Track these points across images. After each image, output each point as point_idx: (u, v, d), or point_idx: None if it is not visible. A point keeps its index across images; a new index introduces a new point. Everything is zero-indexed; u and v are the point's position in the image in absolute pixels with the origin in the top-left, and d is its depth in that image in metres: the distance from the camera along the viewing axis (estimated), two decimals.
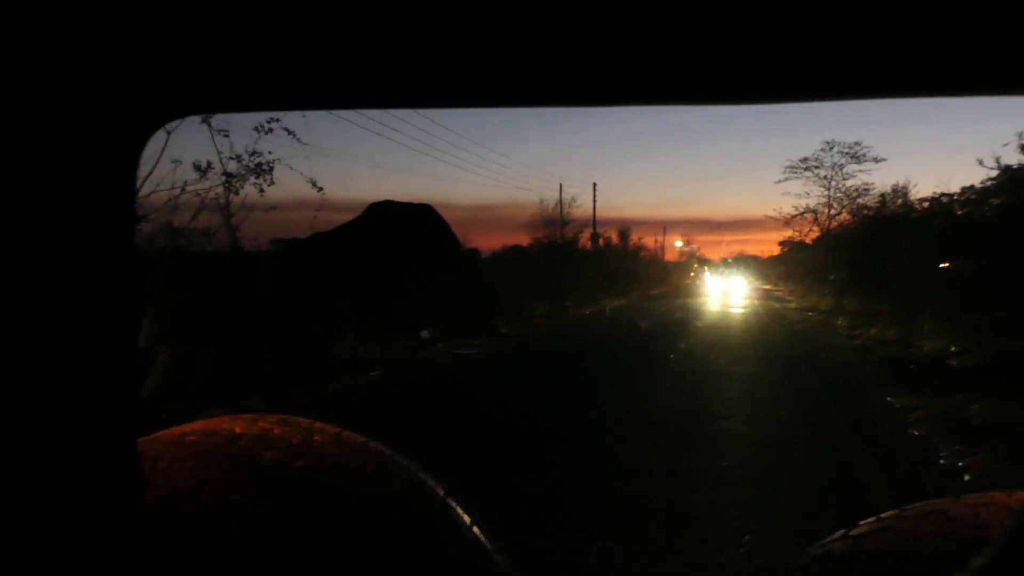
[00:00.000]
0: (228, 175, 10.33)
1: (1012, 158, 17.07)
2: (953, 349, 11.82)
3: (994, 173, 13.18)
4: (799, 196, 44.83)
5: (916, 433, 7.04)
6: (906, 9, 0.47)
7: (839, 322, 18.82)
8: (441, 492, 0.83)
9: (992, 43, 0.48)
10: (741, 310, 25.78)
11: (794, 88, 0.54)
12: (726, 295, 36.58)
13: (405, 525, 0.77)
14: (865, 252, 18.80)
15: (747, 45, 0.49)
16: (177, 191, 9.22)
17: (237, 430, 0.88)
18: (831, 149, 35.70)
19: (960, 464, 5.96)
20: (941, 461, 6.11)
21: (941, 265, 14.36)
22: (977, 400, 7.98)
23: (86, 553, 0.57)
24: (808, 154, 39.16)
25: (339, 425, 0.93)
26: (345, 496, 0.77)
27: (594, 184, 40.95)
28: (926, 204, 17.52)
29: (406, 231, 15.66)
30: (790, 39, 0.49)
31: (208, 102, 0.68)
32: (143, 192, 8.69)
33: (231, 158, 10.40)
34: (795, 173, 37.33)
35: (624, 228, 45.39)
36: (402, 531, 0.77)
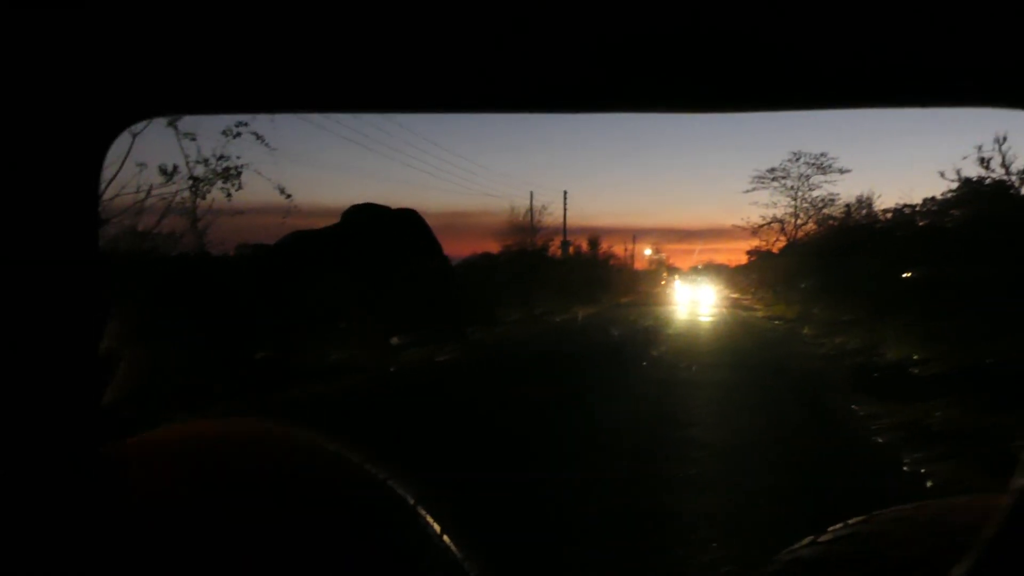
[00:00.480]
0: (195, 179, 10.22)
1: (972, 170, 17.48)
2: (916, 357, 12.05)
3: (955, 185, 13.50)
4: (766, 206, 45.69)
5: (880, 440, 7.16)
6: (916, 17, 0.47)
7: (805, 330, 19.07)
8: (412, 501, 0.83)
9: (996, 55, 0.49)
10: (710, 318, 26.02)
11: (797, 95, 0.54)
12: (695, 303, 36.89)
13: (375, 534, 0.76)
14: (831, 262, 19.11)
15: (753, 50, 0.49)
16: (142, 195, 9.10)
17: (207, 435, 0.87)
18: (798, 160, 36.36)
19: (923, 471, 6.07)
20: (905, 468, 6.21)
21: (904, 275, 14.64)
22: (939, 408, 8.14)
23: (50, 560, 0.55)
24: (775, 164, 39.81)
25: (310, 432, 0.92)
26: (316, 504, 0.76)
27: (564, 192, 41.15)
28: (889, 215, 17.88)
29: (388, 235, 15.42)
30: (796, 45, 0.50)
31: (175, 103, 0.67)
32: (107, 195, 8.56)
33: (198, 162, 10.29)
34: (762, 183, 37.98)
35: (594, 236, 45.65)
36: (372, 540, 0.76)
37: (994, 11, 0.47)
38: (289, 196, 11.75)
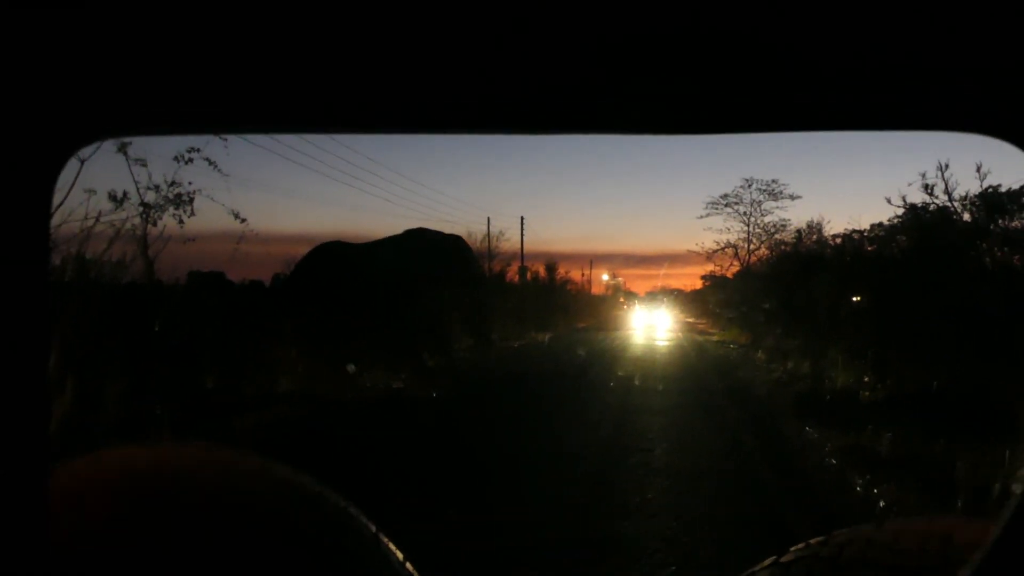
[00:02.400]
0: (145, 205, 10.03)
1: (917, 196, 18.06)
2: (866, 380, 12.32)
3: (900, 211, 13.89)
4: (720, 231, 46.43)
5: (833, 463, 7.28)
6: (875, 44, 0.49)
7: (758, 355, 19.36)
8: (373, 527, 0.81)
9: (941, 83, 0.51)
10: (666, 343, 26.26)
11: (776, 118, 0.55)
12: (651, 328, 37.17)
13: (336, 562, 0.74)
14: (782, 287, 19.47)
15: (737, 72, 0.50)
16: (91, 221, 8.88)
17: (154, 462, 0.84)
18: (750, 186, 37.17)
19: (874, 492, 6.18)
20: (857, 489, 6.32)
21: (854, 299, 14.98)
22: (886, 432, 8.32)
23: None
24: (728, 190, 40.65)
25: (263, 458, 0.89)
26: (273, 531, 0.74)
27: (522, 218, 41.35)
28: (839, 240, 18.31)
29: (431, 259, 15.00)
30: (772, 69, 0.51)
31: (127, 123, 0.65)
32: (54, 222, 8.34)
33: (149, 188, 10.11)
34: (716, 209, 38.67)
35: (551, 262, 45.81)
36: (333, 568, 0.74)
37: (951, 38, 0.48)
38: (244, 221, 11.59)
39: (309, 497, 0.82)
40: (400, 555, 0.80)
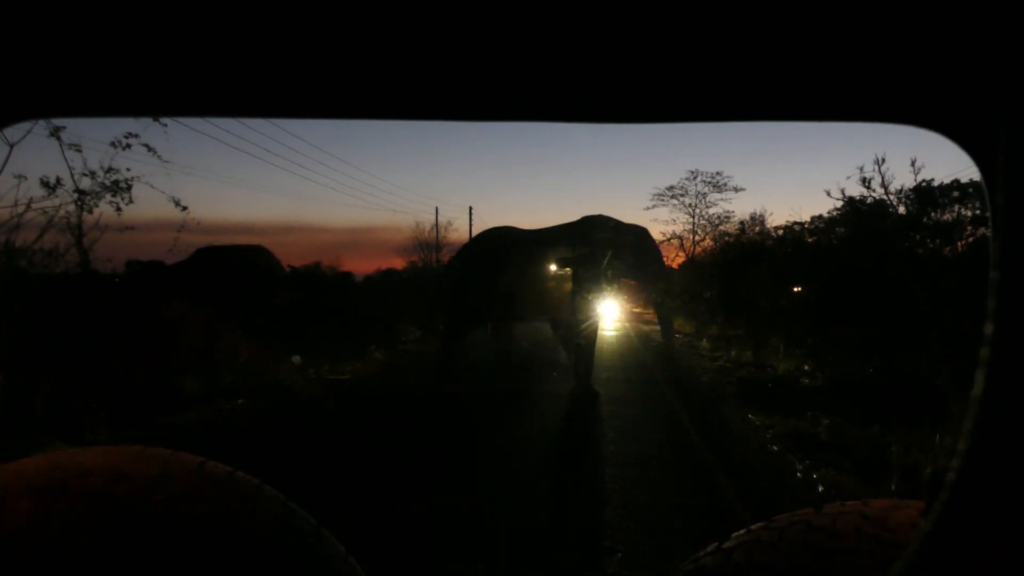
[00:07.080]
0: (80, 192, 9.68)
1: (855, 189, 18.57)
2: (806, 368, 12.65)
3: (840, 203, 14.26)
4: (666, 223, 46.98)
5: (774, 449, 7.46)
6: (810, 39, 0.49)
7: (702, 343, 19.73)
8: (314, 522, 0.79)
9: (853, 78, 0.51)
10: (614, 333, 26.54)
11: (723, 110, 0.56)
12: (600, 317, 37.49)
13: (276, 557, 0.73)
14: (725, 277, 19.85)
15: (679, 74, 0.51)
16: (21, 208, 8.55)
17: (87, 464, 0.80)
18: (695, 178, 37.65)
19: (813, 476, 6.36)
20: (797, 474, 6.49)
21: (794, 289, 15.35)
22: (825, 417, 8.57)
23: None
24: (674, 182, 41.12)
25: (202, 456, 0.87)
26: (210, 530, 0.72)
27: (470, 208, 41.28)
28: (780, 232, 18.74)
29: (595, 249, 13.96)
30: (721, 68, 0.51)
31: (50, 105, 0.61)
32: None
33: (84, 174, 9.77)
34: (662, 200, 39.04)
35: None
36: (273, 563, 0.72)
37: (887, 34, 0.49)
38: (185, 208, 11.27)
39: (247, 494, 0.79)
40: (342, 548, 0.79)
